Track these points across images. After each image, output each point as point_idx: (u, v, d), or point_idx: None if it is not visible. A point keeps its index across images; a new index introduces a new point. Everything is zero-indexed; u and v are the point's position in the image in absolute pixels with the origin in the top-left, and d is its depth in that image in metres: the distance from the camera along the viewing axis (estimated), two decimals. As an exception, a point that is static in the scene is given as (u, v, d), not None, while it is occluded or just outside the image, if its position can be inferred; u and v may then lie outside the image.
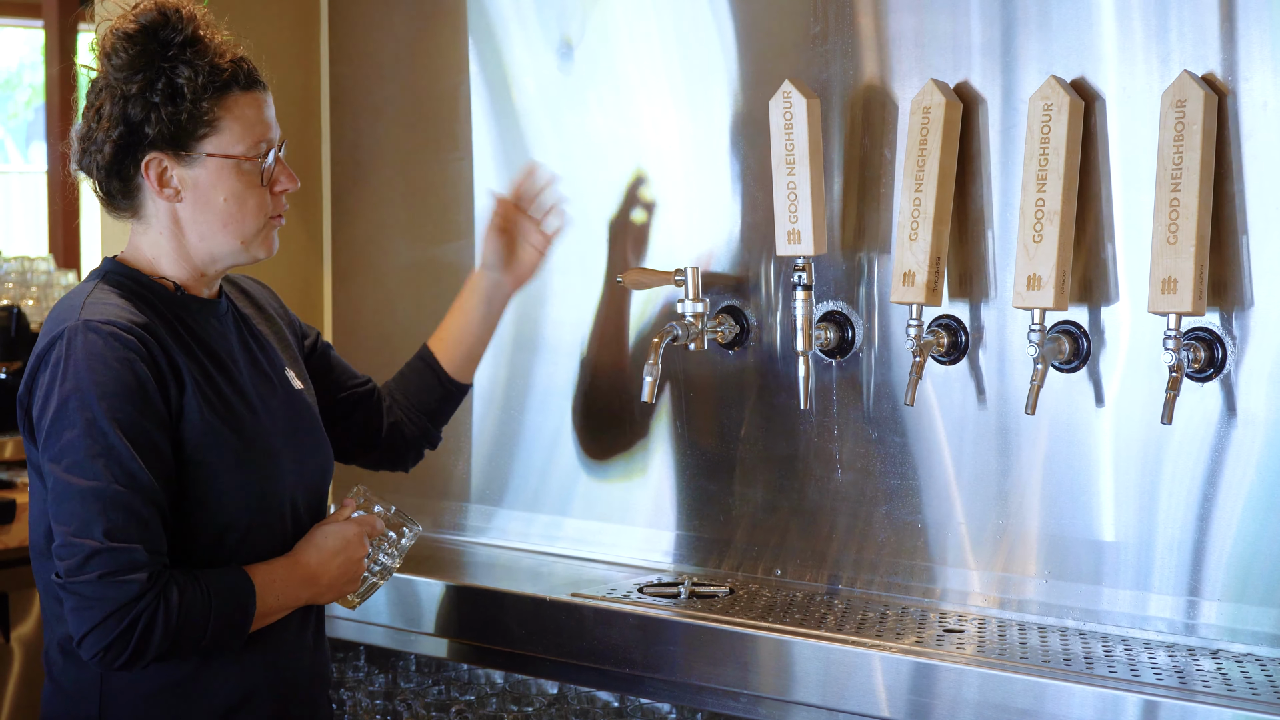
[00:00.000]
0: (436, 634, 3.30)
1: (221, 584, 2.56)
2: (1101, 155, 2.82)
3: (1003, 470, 2.97)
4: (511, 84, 3.60)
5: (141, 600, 2.46)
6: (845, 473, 3.14)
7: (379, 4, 3.86)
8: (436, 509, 3.72)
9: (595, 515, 3.50)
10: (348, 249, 3.97)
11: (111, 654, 2.48)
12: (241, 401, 2.66)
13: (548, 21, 3.52)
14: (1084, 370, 2.86)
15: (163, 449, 2.54)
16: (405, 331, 3.76)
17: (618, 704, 3.17)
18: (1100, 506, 2.89)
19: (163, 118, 2.60)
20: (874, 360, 3.11)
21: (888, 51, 3.05)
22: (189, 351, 2.62)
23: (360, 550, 2.75)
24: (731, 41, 3.25)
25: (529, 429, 3.60)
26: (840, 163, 3.10)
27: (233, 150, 2.62)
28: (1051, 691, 2.57)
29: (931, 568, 3.05)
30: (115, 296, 2.61)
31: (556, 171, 3.31)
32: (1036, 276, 2.77)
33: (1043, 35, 2.88)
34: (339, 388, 3.09)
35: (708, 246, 3.30)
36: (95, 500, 2.47)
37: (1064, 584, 2.91)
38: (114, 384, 2.50)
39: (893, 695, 2.71)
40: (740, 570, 3.28)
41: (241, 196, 2.65)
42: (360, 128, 3.92)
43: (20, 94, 11.95)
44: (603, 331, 3.46)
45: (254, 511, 2.64)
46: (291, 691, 2.73)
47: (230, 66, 2.62)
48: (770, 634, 2.86)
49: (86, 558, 2.46)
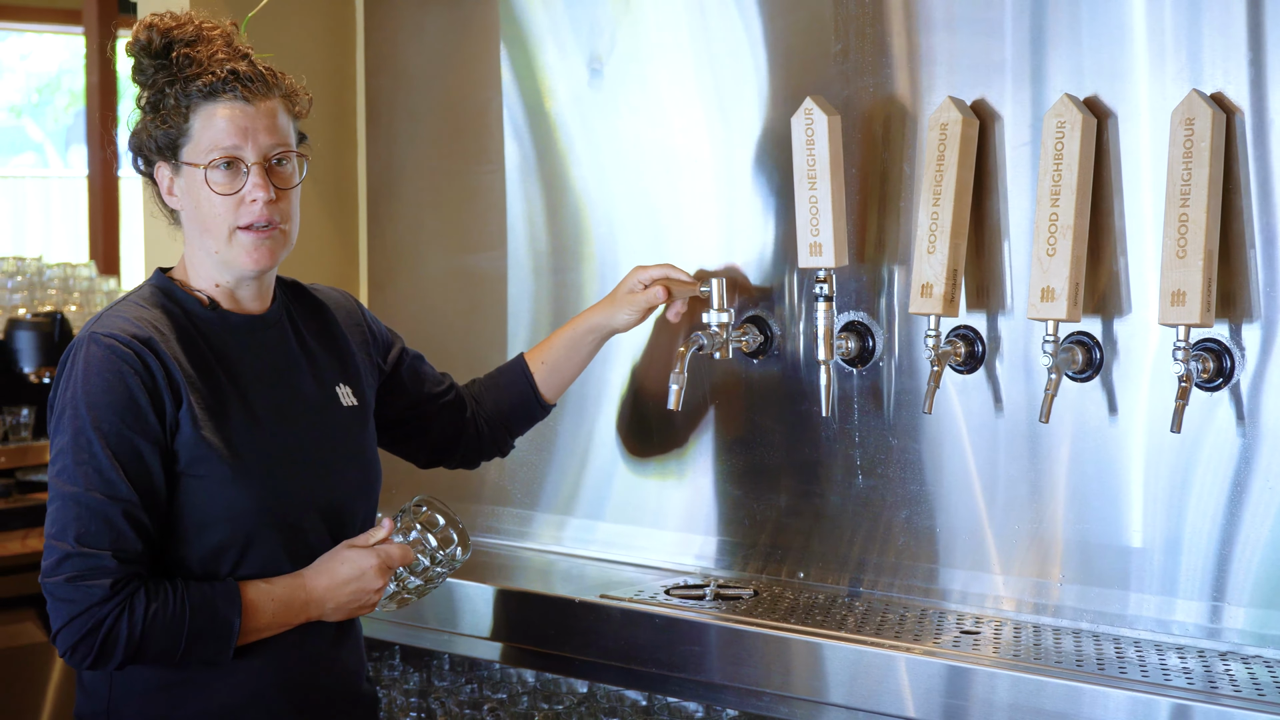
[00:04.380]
0: (470, 634, 3.36)
1: (204, 597, 2.60)
2: (1114, 171, 2.88)
3: (1020, 476, 3.03)
4: (543, 97, 3.67)
5: (105, 605, 2.52)
6: (866, 478, 3.21)
7: (414, 18, 3.93)
8: (471, 512, 3.77)
9: (625, 519, 3.56)
10: (383, 258, 4.04)
11: (78, 654, 2.55)
12: (250, 417, 2.69)
13: (579, 37, 3.59)
14: (1097, 379, 2.93)
15: (149, 461, 2.58)
16: (439, 339, 3.82)
17: (645, 702, 3.23)
18: (1117, 512, 2.94)
19: (152, 128, 2.69)
20: (894, 369, 3.17)
21: (907, 69, 3.12)
22: (201, 365, 2.66)
23: (375, 583, 2.74)
24: (756, 59, 3.32)
25: (561, 435, 3.66)
26: (860, 177, 3.17)
27: (197, 159, 2.67)
28: (1085, 695, 2.60)
29: (951, 572, 3.11)
30: (136, 309, 2.67)
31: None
32: (1050, 288, 2.84)
33: (1057, 54, 2.94)
34: (425, 399, 3.12)
35: (734, 258, 3.36)
36: (74, 506, 2.54)
37: (1083, 588, 2.96)
38: (104, 395, 2.57)
39: (923, 697, 2.76)
40: (764, 573, 3.35)
41: (207, 204, 2.68)
42: (395, 139, 3.98)
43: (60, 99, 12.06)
44: (636, 340, 3.53)
45: (251, 527, 2.65)
46: (306, 691, 2.75)
47: (209, 77, 2.66)
48: (793, 635, 2.92)
49: (59, 560, 2.53)
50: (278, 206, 2.69)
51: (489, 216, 3.79)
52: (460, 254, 3.86)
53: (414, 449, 3.17)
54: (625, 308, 3.25)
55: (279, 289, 2.84)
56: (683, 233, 3.44)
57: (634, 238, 3.49)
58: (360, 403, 2.87)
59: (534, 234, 3.69)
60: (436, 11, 3.88)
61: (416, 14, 3.91)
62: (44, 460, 4.89)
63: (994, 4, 3.01)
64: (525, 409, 3.25)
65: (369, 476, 2.87)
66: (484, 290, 3.79)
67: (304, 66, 2.86)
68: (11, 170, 11.68)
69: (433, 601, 3.33)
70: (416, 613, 3.38)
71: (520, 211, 3.73)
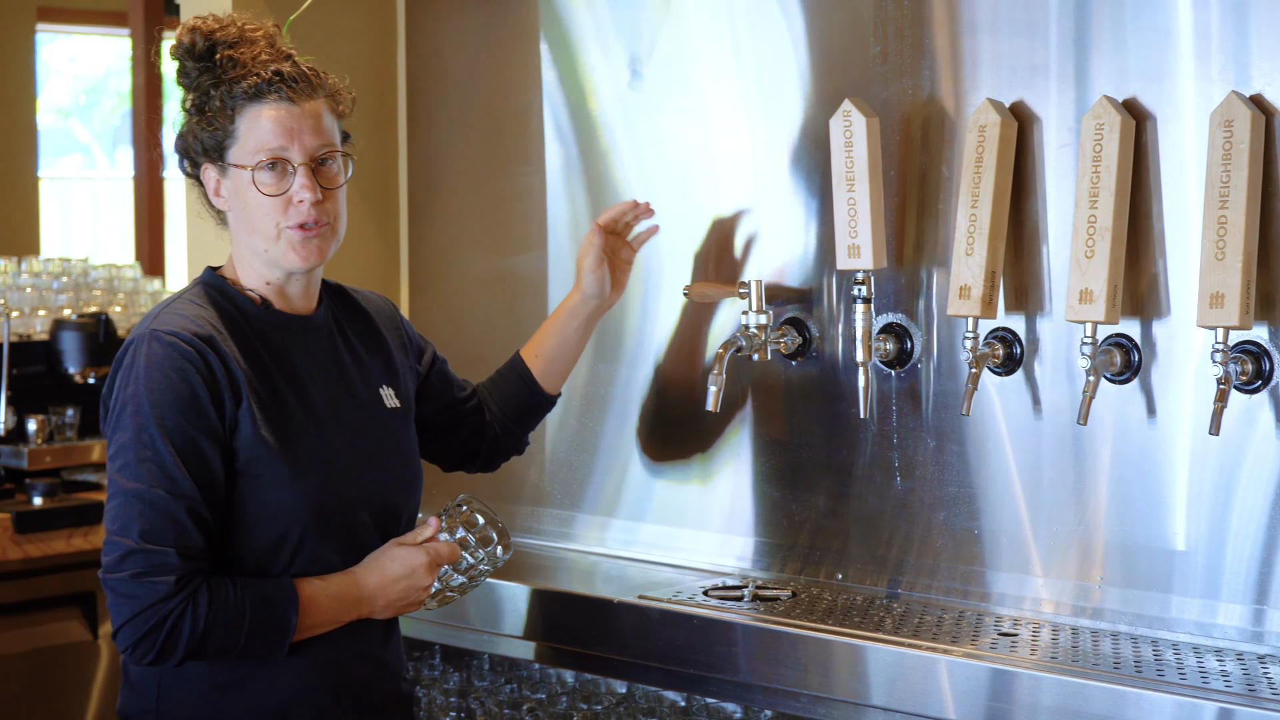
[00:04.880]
0: (509, 634, 3.38)
1: (263, 595, 2.62)
2: (1152, 173, 2.88)
3: (1059, 478, 3.03)
4: (584, 99, 3.68)
5: (169, 601, 2.54)
6: (904, 480, 3.21)
7: (455, 21, 3.95)
8: (511, 513, 3.79)
9: (664, 520, 3.57)
10: (424, 260, 4.06)
11: (140, 650, 2.56)
12: (307, 416, 2.72)
13: (620, 38, 3.60)
14: (1136, 381, 2.92)
15: (210, 458, 2.61)
16: (480, 340, 3.84)
17: (684, 703, 3.24)
18: (1158, 514, 2.93)
19: (199, 131, 2.72)
20: (932, 371, 3.17)
21: (945, 71, 3.12)
22: (258, 364, 2.69)
23: (425, 580, 2.77)
24: (796, 60, 3.32)
25: (601, 436, 3.68)
26: (899, 179, 3.17)
27: (244, 160, 2.69)
28: (1129, 699, 2.59)
29: (989, 573, 3.11)
30: (193, 307, 2.70)
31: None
32: (1088, 290, 2.84)
33: (1096, 56, 2.94)
34: (453, 404, 3.14)
35: (773, 259, 3.37)
36: (136, 502, 2.56)
37: (1123, 590, 2.96)
38: (167, 392, 2.59)
39: (965, 699, 2.75)
40: (803, 574, 3.35)
41: (255, 204, 2.70)
42: (436, 142, 4.00)
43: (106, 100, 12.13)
44: (678, 341, 3.54)
45: (307, 525, 2.68)
46: (353, 691, 2.77)
47: (254, 79, 2.68)
48: (830, 636, 2.93)
49: (123, 556, 2.55)
50: (324, 206, 2.72)
51: (530, 218, 3.80)
52: (501, 256, 3.87)
53: (440, 452, 3.19)
54: (581, 271, 3.26)
55: (323, 291, 2.86)
56: (723, 234, 3.44)
57: (674, 239, 3.50)
58: (403, 404, 2.90)
59: (575, 235, 3.70)
60: (478, 14, 3.89)
61: (458, 16, 3.93)
62: (89, 460, 4.93)
63: (1034, 6, 3.01)
64: (529, 404, 3.26)
65: (414, 476, 2.90)
66: (525, 292, 3.81)
67: (345, 68, 2.88)
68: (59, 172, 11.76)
69: (473, 602, 3.35)
70: (457, 613, 3.40)
71: (561, 213, 3.74)
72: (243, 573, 2.65)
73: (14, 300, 5.05)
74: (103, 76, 12.06)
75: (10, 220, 8.26)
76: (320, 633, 2.70)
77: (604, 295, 3.27)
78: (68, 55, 11.82)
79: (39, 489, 4.61)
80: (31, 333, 4.99)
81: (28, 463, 4.78)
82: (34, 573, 4.52)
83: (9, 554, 4.43)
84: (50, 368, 4.94)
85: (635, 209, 3.32)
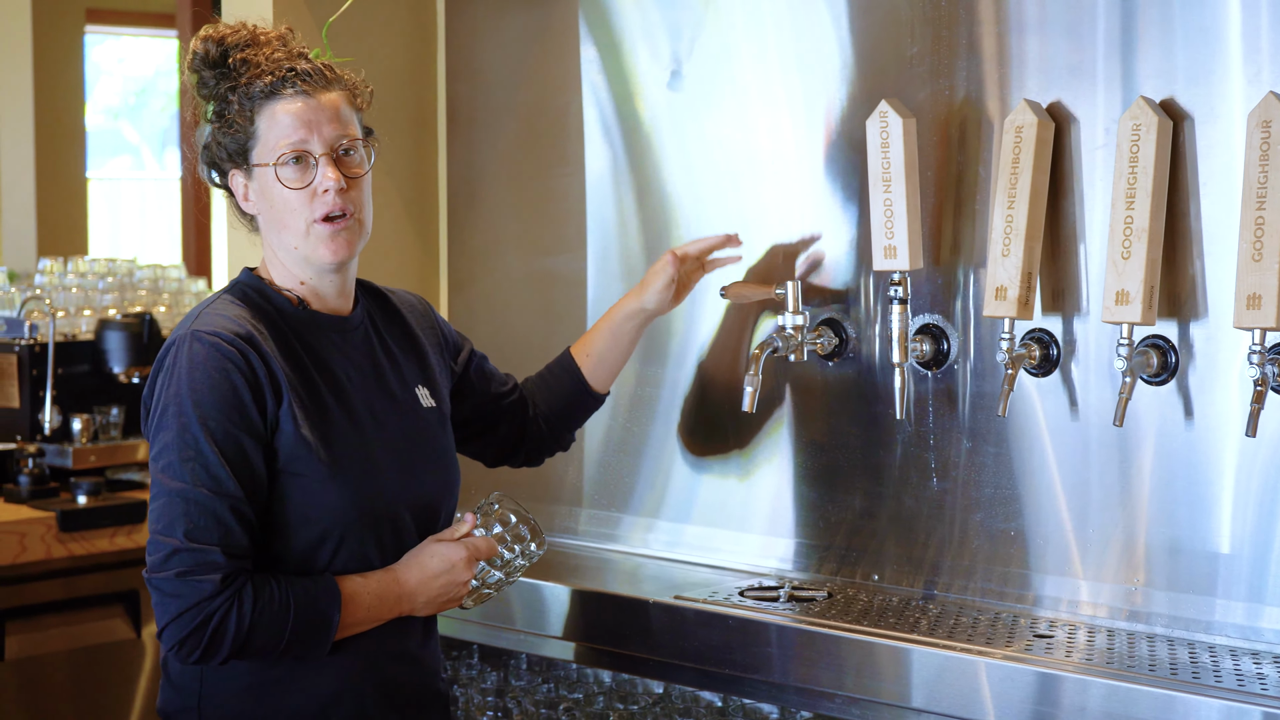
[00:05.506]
0: (547, 634, 3.38)
1: (306, 593, 2.63)
2: (1190, 173, 2.86)
3: (1096, 480, 3.02)
4: (624, 99, 3.69)
5: (215, 600, 2.55)
6: (940, 481, 3.21)
7: (495, 23, 3.96)
8: (549, 512, 3.80)
9: (701, 521, 3.57)
10: (463, 260, 4.07)
11: (186, 648, 2.58)
12: (346, 416, 2.73)
13: (660, 39, 3.60)
14: (1174, 383, 2.91)
15: (253, 457, 2.62)
16: (519, 340, 3.85)
17: (720, 704, 3.25)
18: (1200, 516, 2.92)
19: (222, 138, 2.73)
20: (969, 372, 3.17)
21: (982, 72, 3.11)
22: (296, 365, 2.70)
23: (464, 575, 2.79)
24: (834, 61, 3.32)
25: (638, 436, 3.68)
26: (936, 180, 3.17)
27: (267, 158, 2.71)
28: (1179, 704, 2.57)
29: (1026, 575, 3.10)
30: (233, 307, 2.71)
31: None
32: (1125, 292, 2.83)
33: (1134, 57, 2.93)
34: (492, 399, 3.16)
35: (811, 260, 3.37)
36: (181, 501, 2.57)
37: (1163, 593, 2.94)
38: (210, 392, 2.60)
39: (1005, 703, 2.74)
40: (839, 575, 3.35)
41: (281, 201, 2.71)
42: (475, 143, 4.01)
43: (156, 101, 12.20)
44: (717, 343, 3.54)
45: (350, 523, 2.69)
46: (393, 690, 2.78)
47: (268, 78, 2.70)
48: (864, 637, 2.93)
49: (168, 556, 2.56)
50: (349, 195, 2.73)
51: (569, 219, 3.81)
52: (540, 256, 3.88)
53: (481, 448, 3.21)
54: (650, 287, 3.27)
55: (359, 291, 2.87)
56: (763, 235, 3.44)
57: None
58: (439, 404, 2.91)
59: (613, 236, 3.71)
60: (517, 15, 3.90)
61: (497, 18, 3.94)
62: (133, 459, 4.96)
63: (1071, 7, 3.00)
64: (577, 402, 3.27)
65: (452, 475, 2.91)
66: (564, 293, 3.82)
67: (385, 70, 2.90)
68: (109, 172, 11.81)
69: (510, 602, 3.36)
70: (495, 612, 3.41)
71: (600, 214, 3.75)
72: (285, 572, 2.67)
73: (60, 300, 5.09)
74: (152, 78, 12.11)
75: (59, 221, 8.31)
76: (361, 630, 2.71)
77: (664, 309, 3.30)
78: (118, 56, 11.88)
79: (83, 488, 4.64)
80: (77, 332, 5.03)
81: (73, 462, 4.82)
82: (78, 571, 4.55)
83: (53, 552, 4.47)
84: (95, 367, 4.97)
85: (726, 243, 3.32)
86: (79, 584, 4.56)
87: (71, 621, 4.56)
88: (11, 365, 4.86)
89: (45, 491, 4.66)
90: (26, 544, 4.41)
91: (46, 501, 4.59)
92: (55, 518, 4.47)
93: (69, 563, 4.51)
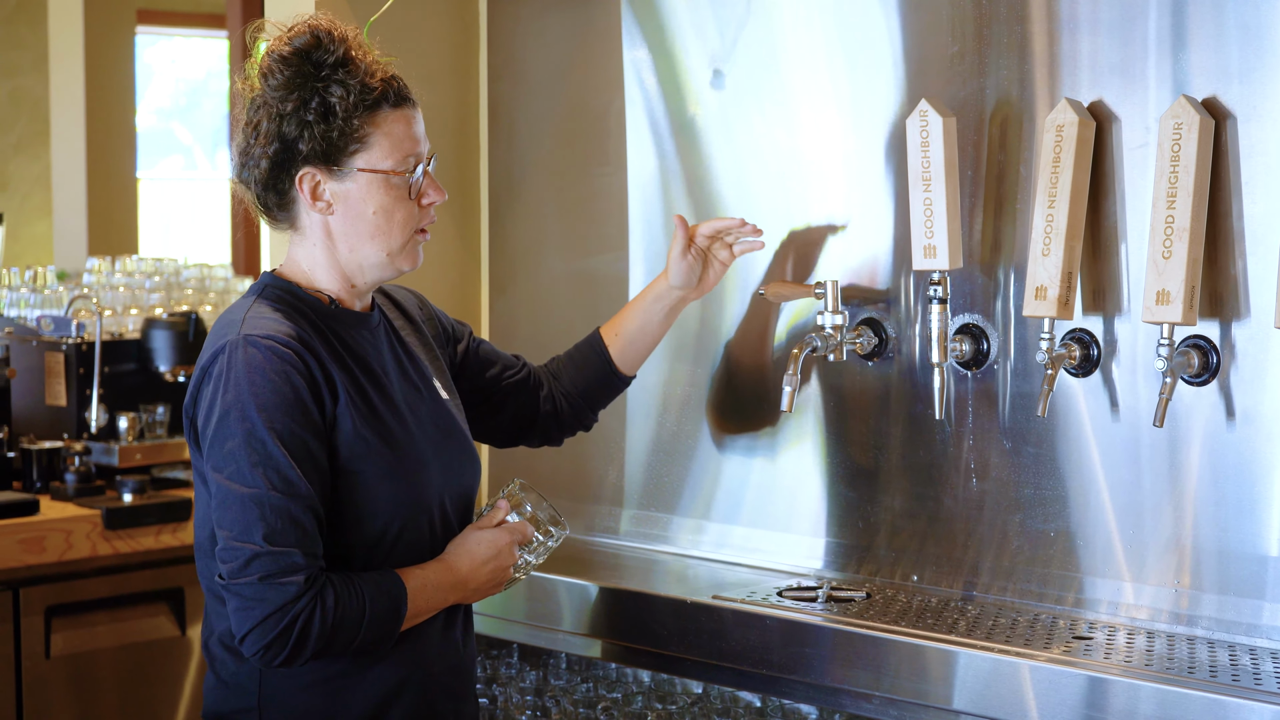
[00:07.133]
0: (586, 634, 3.39)
1: (376, 587, 2.66)
2: (1232, 173, 2.84)
3: (1136, 480, 3.00)
4: (666, 99, 3.69)
5: (299, 601, 2.57)
6: (980, 481, 3.19)
7: (537, 24, 3.96)
8: (589, 513, 3.81)
9: (740, 520, 3.57)
10: (504, 260, 4.07)
11: (271, 652, 2.59)
12: (392, 413, 2.75)
13: (702, 38, 3.60)
14: (1215, 383, 2.89)
15: (318, 457, 2.64)
16: (559, 340, 3.81)
17: (759, 704, 3.24)
18: (1246, 518, 2.90)
19: (315, 135, 2.70)
20: (1009, 372, 3.15)
21: (1023, 71, 3.10)
22: (342, 364, 2.72)
23: (510, 559, 2.85)
24: (875, 61, 3.32)
25: (676, 436, 3.68)
26: (975, 179, 3.15)
27: (381, 165, 2.72)
28: (1231, 709, 2.55)
29: (1066, 575, 3.09)
30: (272, 311, 2.72)
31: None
32: (1165, 292, 2.81)
33: (1175, 55, 2.91)
34: (496, 381, 3.18)
35: (850, 259, 3.36)
36: (255, 506, 2.58)
37: (1207, 595, 2.93)
38: (272, 396, 2.61)
39: (1050, 705, 2.73)
40: (878, 576, 3.34)
41: (389, 210, 2.74)
42: (517, 143, 4.02)
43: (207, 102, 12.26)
44: (760, 342, 3.53)
45: (405, 518, 2.73)
46: (439, 686, 2.82)
47: (380, 85, 2.71)
48: (905, 638, 2.92)
49: (247, 561, 2.57)
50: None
51: (611, 219, 3.81)
52: (582, 256, 3.89)
53: (490, 429, 3.23)
54: (669, 260, 3.25)
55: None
56: (804, 234, 3.43)
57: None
58: (451, 395, 2.95)
59: (656, 236, 3.71)
60: (559, 14, 3.91)
61: (539, 17, 3.95)
62: (179, 458, 4.98)
63: (1111, 6, 2.98)
64: (604, 382, 3.28)
65: (478, 462, 2.96)
66: (605, 292, 3.81)
67: (427, 70, 2.90)
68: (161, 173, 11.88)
69: (549, 601, 3.37)
70: (534, 611, 3.42)
71: (642, 213, 3.75)
72: (351, 568, 2.70)
73: (107, 299, 5.11)
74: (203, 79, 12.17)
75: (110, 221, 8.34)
76: (421, 621, 2.75)
77: (689, 286, 3.27)
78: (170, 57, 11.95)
79: (129, 485, 4.66)
80: (124, 331, 5.05)
81: (118, 460, 4.84)
82: (124, 568, 4.57)
83: (99, 550, 4.49)
84: (141, 366, 4.99)
85: (740, 228, 3.29)
86: (124, 581, 4.58)
87: (117, 619, 4.58)
88: (59, 364, 4.89)
89: (91, 489, 4.68)
90: (73, 541, 4.44)
91: (92, 499, 4.62)
92: (101, 515, 4.50)
93: (115, 560, 4.53)
